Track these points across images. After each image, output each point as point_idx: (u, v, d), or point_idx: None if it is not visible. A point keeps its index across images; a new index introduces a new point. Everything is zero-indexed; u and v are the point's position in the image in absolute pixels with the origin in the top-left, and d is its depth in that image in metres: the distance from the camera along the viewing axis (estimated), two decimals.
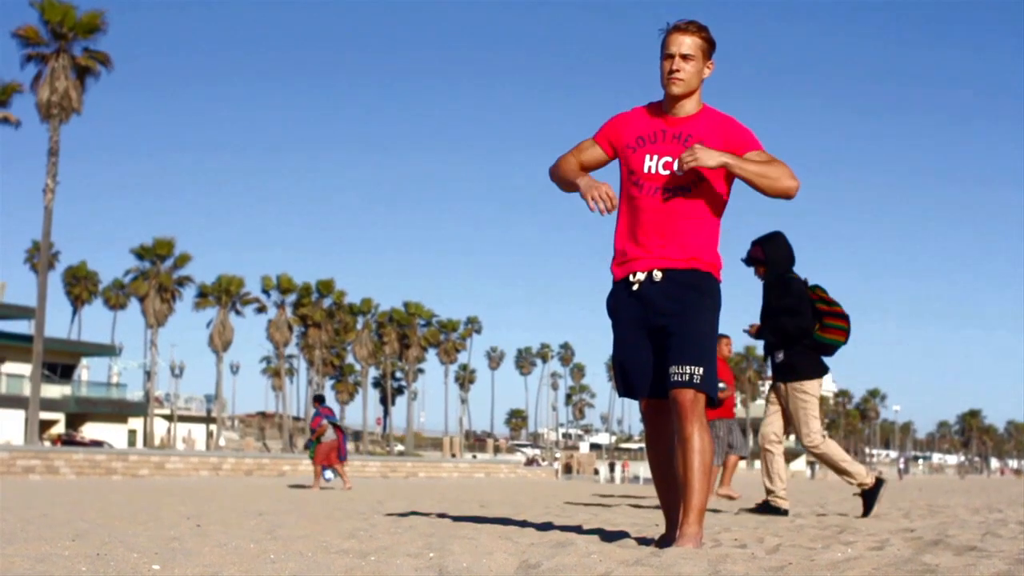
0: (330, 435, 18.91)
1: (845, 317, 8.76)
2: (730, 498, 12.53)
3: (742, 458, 13.75)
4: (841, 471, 8.59)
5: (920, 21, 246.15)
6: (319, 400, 19.87)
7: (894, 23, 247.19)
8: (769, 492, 8.80)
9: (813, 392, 8.66)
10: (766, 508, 8.79)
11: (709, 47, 4.79)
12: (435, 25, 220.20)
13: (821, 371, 8.71)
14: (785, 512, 8.73)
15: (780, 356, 8.70)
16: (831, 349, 8.71)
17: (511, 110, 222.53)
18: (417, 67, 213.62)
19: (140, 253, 74.38)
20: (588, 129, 4.99)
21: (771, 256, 8.80)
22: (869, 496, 8.54)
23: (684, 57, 4.74)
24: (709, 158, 4.55)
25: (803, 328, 8.58)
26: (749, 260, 8.89)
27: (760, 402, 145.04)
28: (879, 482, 8.56)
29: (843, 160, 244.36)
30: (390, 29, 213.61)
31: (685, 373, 4.57)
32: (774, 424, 8.85)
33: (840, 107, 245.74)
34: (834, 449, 8.61)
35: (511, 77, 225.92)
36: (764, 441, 8.89)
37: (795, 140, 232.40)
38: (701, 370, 4.57)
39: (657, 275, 4.68)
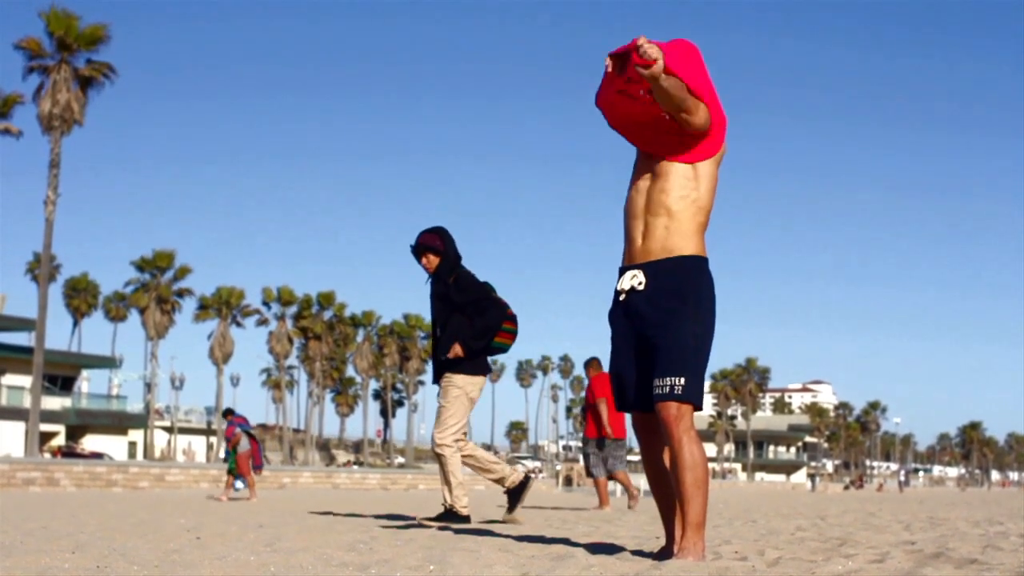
0: (244, 444, 18.84)
1: (514, 319, 8.42)
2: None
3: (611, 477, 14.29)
4: (448, 482, 8.36)
5: (922, 31, 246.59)
6: (230, 412, 19.80)
7: (895, 33, 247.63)
8: (502, 480, 8.46)
9: (469, 391, 8.30)
10: (514, 494, 8.47)
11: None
12: (433, 36, 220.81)
13: (482, 371, 8.36)
14: (528, 479, 8.40)
15: (448, 353, 8.28)
16: (498, 351, 8.38)
17: (511, 122, 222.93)
18: (417, 79, 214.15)
19: (140, 265, 74.45)
20: (587, 139, 5.01)
21: (448, 248, 8.35)
22: (444, 518, 8.30)
23: None
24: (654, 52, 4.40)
25: (497, 320, 8.23)
26: (423, 248, 8.32)
27: (760, 414, 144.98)
28: (463, 516, 8.28)
29: (844, 171, 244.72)
30: (388, 42, 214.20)
31: (666, 385, 4.53)
32: None
33: (840, 117, 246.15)
34: (456, 463, 8.33)
35: (510, 88, 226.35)
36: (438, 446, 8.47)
37: (797, 149, 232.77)
38: (683, 380, 4.52)
39: (640, 284, 4.67)
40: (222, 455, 22.54)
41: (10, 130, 43.36)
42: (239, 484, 19.25)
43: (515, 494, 8.52)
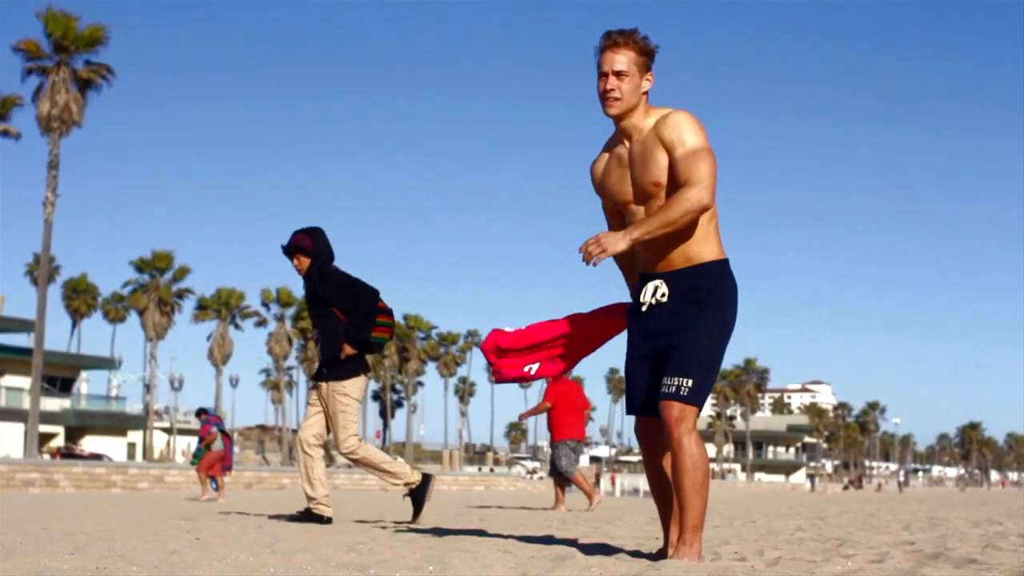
0: (218, 444, 18.86)
1: (389, 312, 8.40)
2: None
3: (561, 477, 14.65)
4: (384, 472, 8.30)
5: (922, 32, 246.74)
6: (204, 411, 19.88)
7: (896, 33, 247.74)
8: (311, 499, 8.32)
9: (354, 394, 8.28)
10: (308, 516, 8.32)
11: (646, 58, 4.61)
12: (431, 36, 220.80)
13: (363, 369, 8.36)
14: (329, 520, 8.26)
15: (338, 354, 8.25)
16: (377, 347, 8.36)
17: (510, 122, 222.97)
18: (415, 79, 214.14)
19: (140, 266, 74.44)
20: (586, 138, 4.97)
21: (319, 249, 8.30)
22: (418, 494, 8.28)
23: (618, 74, 4.58)
24: (615, 244, 4.42)
25: (372, 306, 8.19)
26: (293, 248, 8.30)
27: (759, 414, 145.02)
28: (426, 478, 8.31)
29: (842, 170, 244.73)
30: (385, 41, 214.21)
31: (673, 385, 4.48)
32: (314, 427, 8.38)
33: (838, 115, 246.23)
34: (372, 452, 8.32)
35: (510, 88, 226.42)
36: (303, 445, 8.38)
37: (796, 148, 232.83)
38: (690, 382, 4.47)
39: (663, 294, 4.62)
40: (191, 453, 22.61)
41: (9, 131, 43.40)
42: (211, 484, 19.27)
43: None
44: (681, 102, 4.74)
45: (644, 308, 4.69)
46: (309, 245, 8.28)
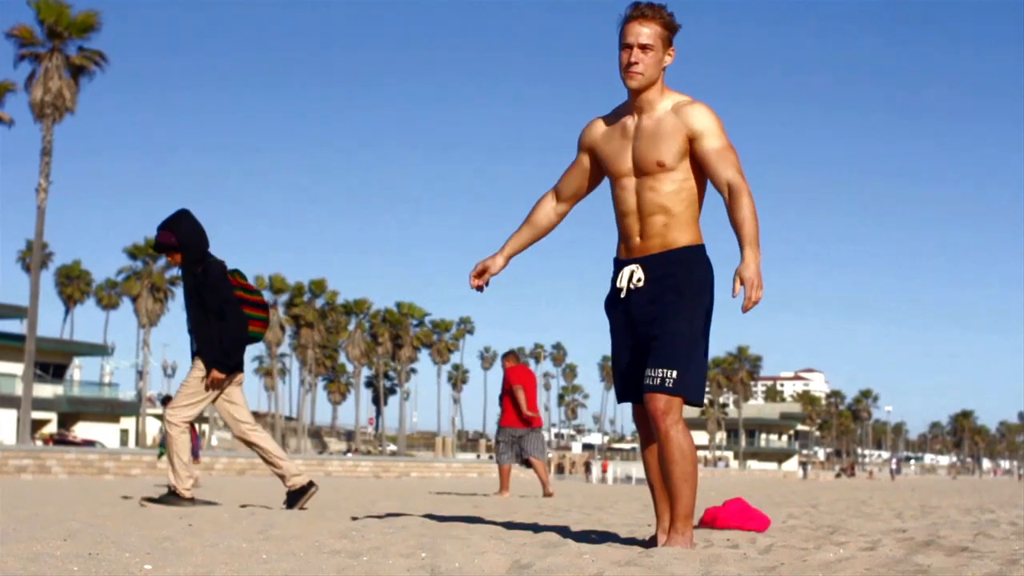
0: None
1: (264, 307, 8.35)
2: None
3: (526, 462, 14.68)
4: (172, 464, 8.23)
5: (922, 21, 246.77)
6: (169, 400, 20.01)
7: (896, 23, 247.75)
8: (283, 478, 8.26)
9: (203, 375, 8.18)
10: (172, 497, 8.26)
11: (670, 33, 4.56)
12: (429, 25, 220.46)
13: (235, 368, 8.24)
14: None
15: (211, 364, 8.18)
16: (250, 340, 8.29)
17: (504, 110, 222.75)
18: (410, 67, 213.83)
19: (133, 252, 74.35)
20: (578, 126, 4.94)
21: (186, 240, 8.19)
22: (167, 498, 8.22)
23: (643, 48, 4.51)
24: (759, 285, 4.27)
25: (240, 331, 8.11)
26: (160, 247, 8.22)
27: (752, 402, 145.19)
28: (186, 499, 8.16)
29: (835, 157, 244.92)
30: (383, 29, 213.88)
31: (657, 376, 4.47)
32: (238, 415, 8.33)
33: (830, 103, 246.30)
34: (182, 442, 8.23)
35: (504, 77, 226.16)
36: (241, 437, 8.34)
37: (788, 136, 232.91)
38: (674, 373, 4.46)
39: (639, 279, 4.62)
40: (158, 442, 22.83)
41: (2, 118, 43.32)
42: None
43: (295, 497, 8.23)
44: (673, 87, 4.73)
45: (622, 295, 4.69)
46: (174, 241, 8.16)
